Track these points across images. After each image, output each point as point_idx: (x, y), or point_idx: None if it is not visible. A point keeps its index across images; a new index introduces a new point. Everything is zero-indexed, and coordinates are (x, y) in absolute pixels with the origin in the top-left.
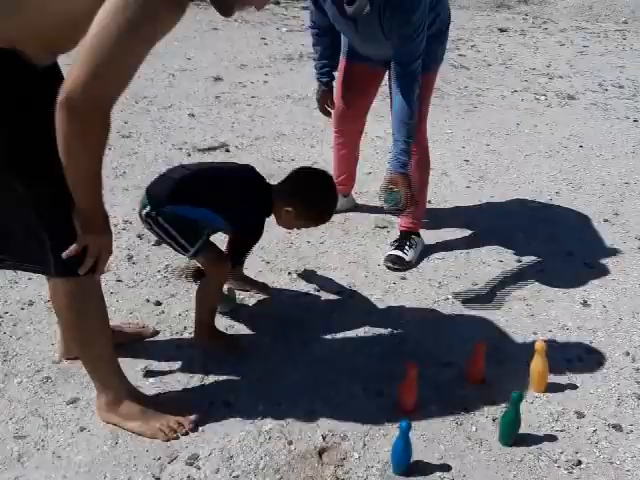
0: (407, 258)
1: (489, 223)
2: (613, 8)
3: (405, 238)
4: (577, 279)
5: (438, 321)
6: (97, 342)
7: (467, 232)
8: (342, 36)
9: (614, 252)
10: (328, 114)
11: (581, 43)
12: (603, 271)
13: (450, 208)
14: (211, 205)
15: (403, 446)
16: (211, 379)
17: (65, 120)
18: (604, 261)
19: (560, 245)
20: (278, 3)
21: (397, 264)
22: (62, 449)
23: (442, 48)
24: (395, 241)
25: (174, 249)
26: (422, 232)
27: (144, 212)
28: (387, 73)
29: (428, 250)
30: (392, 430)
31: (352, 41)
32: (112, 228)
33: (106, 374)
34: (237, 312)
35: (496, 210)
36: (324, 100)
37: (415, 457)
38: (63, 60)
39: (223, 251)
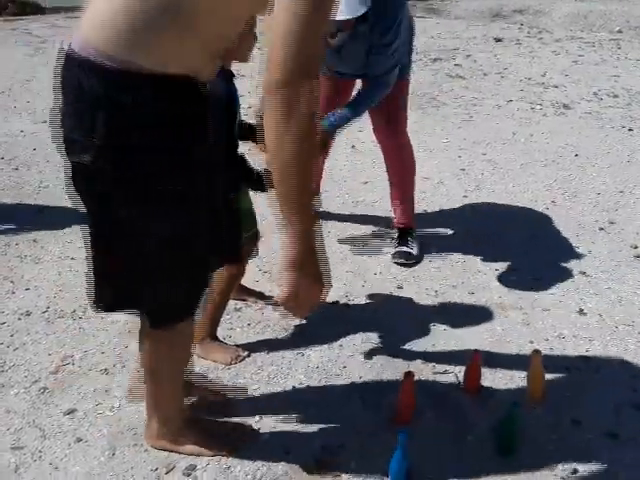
0: (414, 252)
1: (485, 232)
2: (607, 18)
3: (405, 234)
4: (573, 288)
5: (435, 330)
6: (173, 386)
7: (463, 241)
8: None
9: (610, 261)
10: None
11: (576, 52)
12: (599, 280)
13: (446, 217)
14: None
15: (401, 457)
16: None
17: (276, 101)
18: (600, 270)
19: (556, 254)
20: None
21: (408, 259)
22: (59, 460)
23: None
24: (396, 239)
25: None
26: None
27: None
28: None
29: (425, 259)
30: (390, 440)
31: (332, 63)
32: None
33: (169, 411)
34: (234, 322)
35: (492, 219)
36: None
37: (413, 468)
38: None
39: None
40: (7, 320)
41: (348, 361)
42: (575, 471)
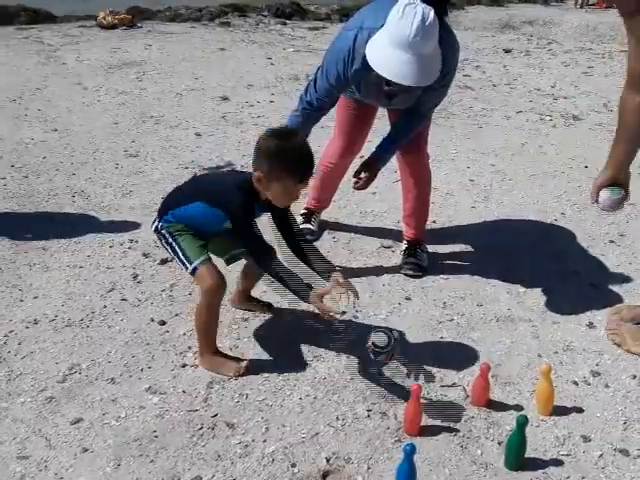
0: (423, 264)
1: (494, 244)
2: (617, 29)
3: (415, 246)
4: (583, 300)
5: (442, 342)
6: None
7: (472, 252)
8: None
9: (620, 273)
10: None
11: (586, 64)
12: (609, 292)
13: (455, 228)
14: (203, 198)
15: (408, 470)
16: (214, 400)
17: None
18: (610, 282)
19: (566, 266)
20: (285, 24)
21: (417, 270)
22: (64, 470)
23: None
24: (406, 250)
25: (178, 265)
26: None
27: (153, 227)
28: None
29: (433, 270)
30: (397, 453)
31: (382, 105)
32: (118, 247)
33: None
34: (241, 332)
35: (501, 231)
36: None
37: None
38: None
39: (219, 274)
40: (15, 328)
41: (355, 372)
42: None
